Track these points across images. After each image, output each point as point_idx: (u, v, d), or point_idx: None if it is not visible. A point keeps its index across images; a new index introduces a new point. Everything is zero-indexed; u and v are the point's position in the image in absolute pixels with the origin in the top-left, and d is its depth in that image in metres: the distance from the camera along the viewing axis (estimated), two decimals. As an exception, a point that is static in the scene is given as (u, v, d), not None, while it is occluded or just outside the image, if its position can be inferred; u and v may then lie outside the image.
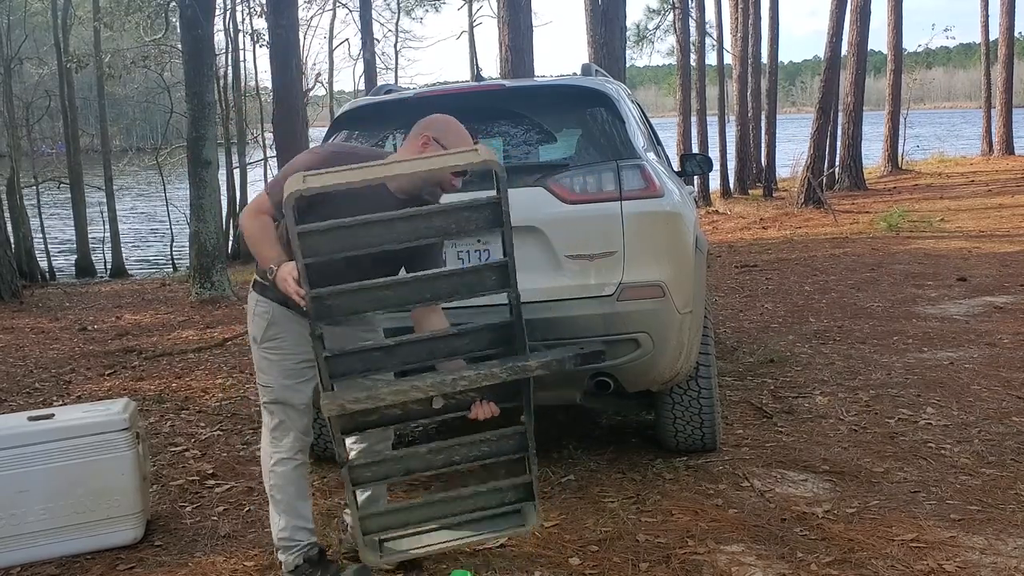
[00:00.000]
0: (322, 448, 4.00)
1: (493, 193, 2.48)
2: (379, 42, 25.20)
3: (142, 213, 27.86)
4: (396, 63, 28.44)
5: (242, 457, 4.32)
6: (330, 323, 2.54)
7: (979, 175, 21.00)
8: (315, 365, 2.50)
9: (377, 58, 20.26)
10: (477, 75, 6.00)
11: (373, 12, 20.84)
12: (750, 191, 20.69)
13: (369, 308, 2.48)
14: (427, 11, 28.82)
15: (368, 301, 2.47)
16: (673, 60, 21.28)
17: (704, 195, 18.32)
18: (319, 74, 25.38)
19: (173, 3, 13.97)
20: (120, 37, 20.09)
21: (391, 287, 2.49)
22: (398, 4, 27.68)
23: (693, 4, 20.71)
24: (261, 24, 18.40)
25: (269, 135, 17.94)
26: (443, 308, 2.72)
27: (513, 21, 10.13)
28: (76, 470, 3.19)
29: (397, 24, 28.04)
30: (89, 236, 17.67)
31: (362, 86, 20.85)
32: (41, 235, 17.74)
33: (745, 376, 5.29)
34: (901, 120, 24.03)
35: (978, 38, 28.88)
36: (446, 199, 2.70)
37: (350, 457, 2.80)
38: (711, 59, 23.78)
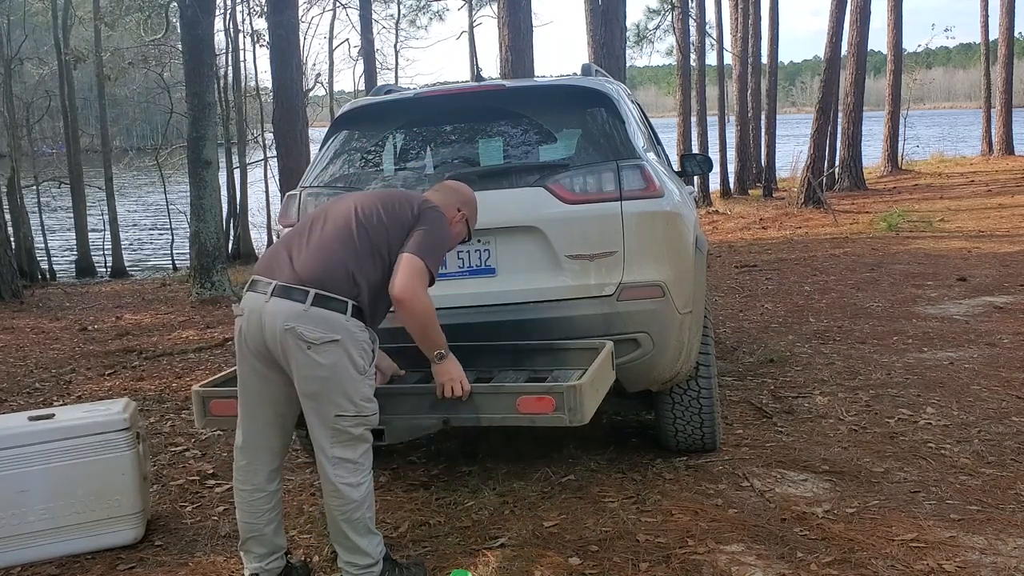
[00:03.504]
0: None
1: None
2: (379, 47, 25.21)
3: (140, 213, 27.86)
4: (396, 63, 28.41)
5: (242, 457, 4.31)
6: None
7: (979, 175, 21.01)
8: None
9: (377, 58, 20.26)
10: (477, 75, 6.01)
11: (373, 13, 20.87)
12: (750, 191, 20.68)
13: None
14: (430, 19, 28.76)
15: None
16: (673, 60, 21.25)
17: (704, 195, 18.30)
18: (319, 74, 25.39)
19: (173, 3, 13.97)
20: (120, 37, 20.10)
21: None
22: (399, 8, 27.69)
23: (693, 4, 20.68)
24: (261, 24, 18.42)
25: (269, 135, 17.94)
26: (449, 308, 2.81)
27: (513, 21, 10.13)
28: (76, 470, 3.19)
29: (397, 24, 28.03)
30: (89, 236, 17.68)
31: (362, 86, 20.85)
32: (41, 235, 17.75)
33: (745, 376, 5.29)
34: (901, 120, 24.03)
35: (978, 38, 28.92)
36: None
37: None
38: (711, 59, 23.77)
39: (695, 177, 9.43)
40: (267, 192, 20.62)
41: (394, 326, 2.86)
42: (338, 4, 24.07)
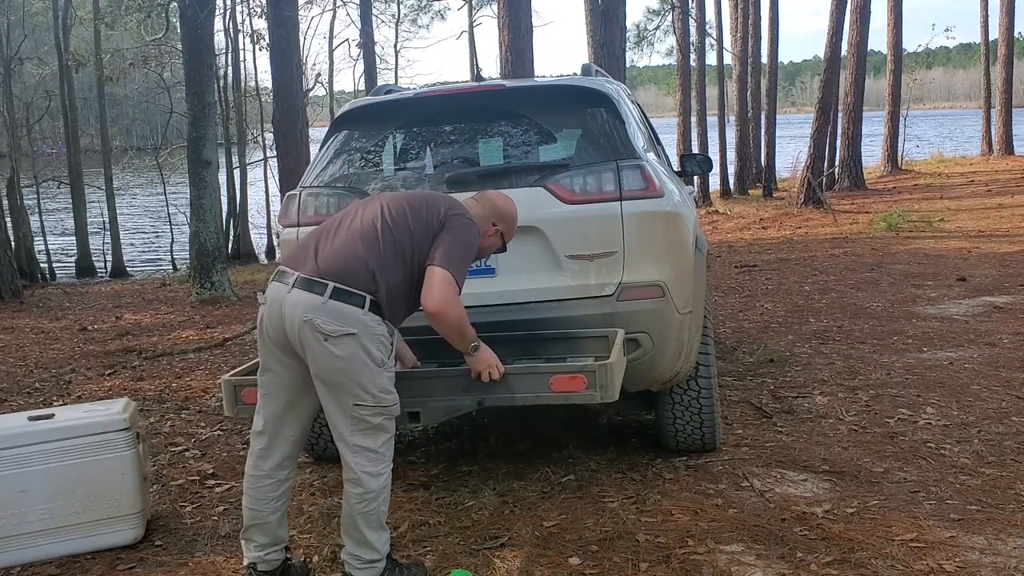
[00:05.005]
0: (322, 448, 4.00)
1: None
2: (379, 42, 25.20)
3: (142, 211, 27.88)
4: (396, 63, 28.43)
5: (242, 457, 4.29)
6: None
7: (978, 175, 21.02)
8: None
9: (377, 58, 20.26)
10: (477, 75, 6.01)
11: (374, 11, 20.86)
12: (750, 191, 20.70)
13: None
14: (432, 19, 28.87)
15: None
16: (673, 60, 21.28)
17: (704, 195, 18.32)
18: (319, 74, 25.41)
19: (173, 3, 13.97)
20: (120, 37, 20.11)
21: None
22: (399, 8, 27.71)
23: (693, 4, 20.70)
24: (261, 24, 18.41)
25: (269, 135, 17.95)
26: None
27: (513, 22, 10.13)
28: (76, 470, 3.19)
29: (397, 24, 28.05)
30: (89, 236, 17.68)
31: (362, 86, 20.86)
32: (41, 235, 17.75)
33: (745, 376, 5.29)
34: (901, 120, 24.04)
35: (978, 38, 28.92)
36: None
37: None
38: (711, 59, 23.81)
39: (695, 177, 9.43)
40: (267, 192, 20.64)
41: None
42: (338, 2, 24.09)
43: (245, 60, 23.34)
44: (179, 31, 13.07)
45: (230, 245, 17.56)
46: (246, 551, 2.86)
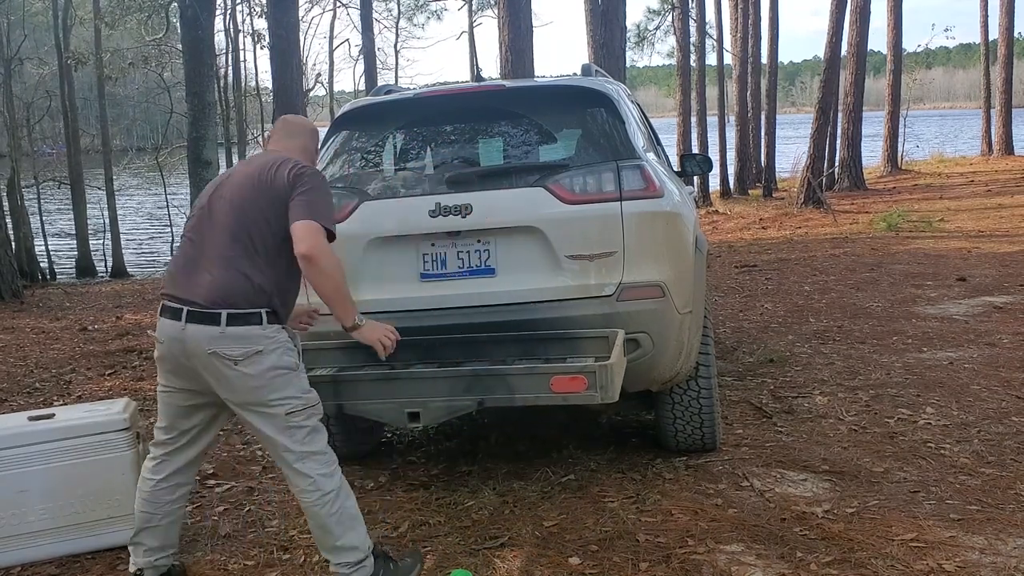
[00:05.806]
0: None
1: None
2: (379, 47, 25.23)
3: (138, 211, 27.89)
4: (396, 63, 28.50)
5: (242, 457, 4.32)
6: None
7: (978, 175, 21.01)
8: None
9: (377, 58, 20.27)
10: (477, 75, 6.01)
11: (374, 12, 20.88)
12: (750, 191, 20.69)
13: None
14: (428, 18, 28.99)
15: None
16: (673, 61, 21.27)
17: (704, 195, 18.32)
18: (319, 74, 25.46)
19: (173, 3, 13.98)
20: (120, 37, 20.10)
21: None
22: (398, 7, 27.74)
23: (693, 4, 20.70)
24: (261, 24, 18.43)
25: (269, 135, 17.91)
26: (449, 308, 2.78)
27: (513, 22, 10.13)
28: (77, 470, 3.19)
29: (397, 24, 28.10)
30: (89, 236, 17.67)
31: (362, 86, 20.87)
32: (42, 235, 17.74)
33: (745, 376, 5.30)
34: (901, 120, 24.04)
35: (978, 38, 28.92)
36: None
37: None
38: (711, 59, 23.81)
39: (695, 177, 9.44)
40: (267, 192, 20.59)
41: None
42: (338, 4, 24.12)
43: (245, 60, 23.42)
44: (179, 31, 13.07)
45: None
46: (134, 556, 2.89)
